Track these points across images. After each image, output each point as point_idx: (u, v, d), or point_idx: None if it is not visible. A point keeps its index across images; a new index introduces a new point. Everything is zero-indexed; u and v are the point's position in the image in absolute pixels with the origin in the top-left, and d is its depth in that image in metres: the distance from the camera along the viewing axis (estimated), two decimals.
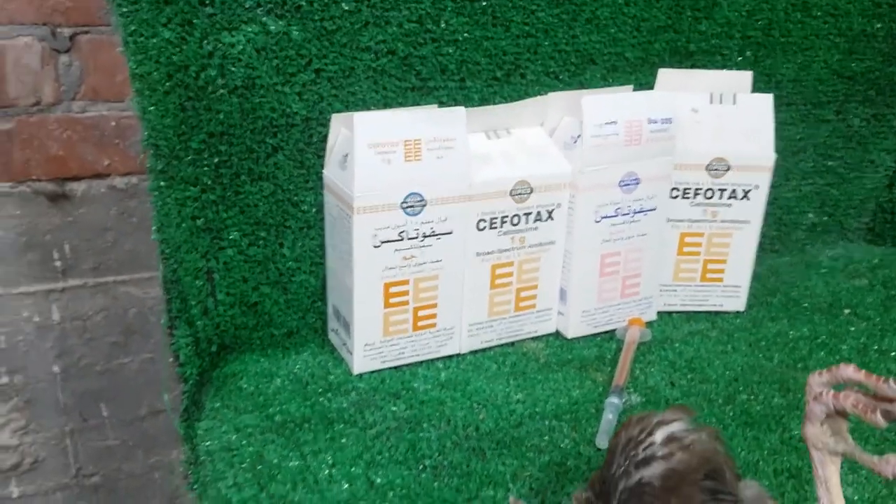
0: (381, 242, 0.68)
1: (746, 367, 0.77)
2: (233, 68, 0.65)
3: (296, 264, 0.74)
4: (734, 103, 0.81)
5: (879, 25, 0.95)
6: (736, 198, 0.82)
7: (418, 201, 0.68)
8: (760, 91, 0.86)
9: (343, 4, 0.67)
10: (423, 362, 0.75)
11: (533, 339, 0.80)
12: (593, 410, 0.69)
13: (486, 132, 0.75)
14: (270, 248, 0.72)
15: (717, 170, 0.81)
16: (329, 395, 0.69)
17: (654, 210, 0.79)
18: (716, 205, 0.82)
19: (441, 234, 0.70)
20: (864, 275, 0.99)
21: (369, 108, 0.71)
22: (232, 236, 0.70)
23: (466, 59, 0.74)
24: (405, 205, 0.68)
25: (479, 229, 0.72)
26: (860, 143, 1.01)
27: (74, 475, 1.07)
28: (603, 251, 0.78)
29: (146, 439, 1.09)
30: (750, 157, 0.81)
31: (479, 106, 0.76)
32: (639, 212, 0.78)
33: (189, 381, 0.68)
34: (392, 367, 0.73)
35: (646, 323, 0.82)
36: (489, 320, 0.77)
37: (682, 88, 0.81)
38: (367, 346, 0.71)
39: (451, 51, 0.73)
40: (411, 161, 0.67)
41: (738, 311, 0.88)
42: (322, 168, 0.72)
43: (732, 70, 0.88)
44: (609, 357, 0.78)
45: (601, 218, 0.77)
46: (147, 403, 1.08)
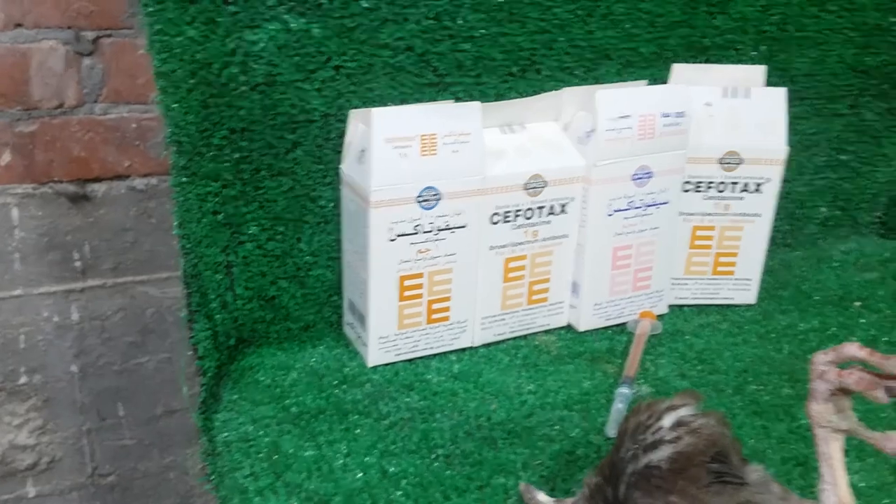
0: (397, 236, 0.70)
1: (756, 359, 0.78)
2: (254, 65, 0.67)
3: (313, 259, 0.76)
4: (747, 97, 0.82)
5: (894, 19, 0.96)
6: (748, 191, 0.83)
7: (433, 195, 0.70)
8: (774, 86, 0.87)
9: (363, 2, 0.68)
10: (436, 355, 0.77)
11: (545, 332, 0.82)
12: (603, 401, 0.71)
13: (500, 127, 0.76)
14: (288, 243, 0.74)
15: (729, 163, 0.82)
16: (344, 387, 0.71)
17: (666, 204, 0.80)
18: (728, 198, 0.84)
19: (455, 227, 0.72)
20: (876, 268, 1.00)
21: (387, 104, 0.73)
22: (251, 231, 0.72)
23: (483, 54, 0.75)
24: (421, 199, 0.69)
25: (492, 223, 0.74)
26: (874, 138, 1.02)
27: (90, 475, 1.10)
28: (615, 244, 0.80)
29: (162, 438, 1.12)
30: (762, 150, 0.82)
31: (494, 100, 0.78)
32: (651, 205, 0.79)
33: (207, 374, 0.70)
34: (406, 360, 0.75)
35: (657, 316, 0.84)
36: (502, 313, 0.78)
37: (695, 83, 0.82)
38: (381, 338, 0.73)
39: (468, 47, 0.74)
40: (427, 155, 0.68)
41: (749, 304, 0.89)
42: (339, 164, 0.73)
43: (746, 65, 0.89)
44: (620, 349, 0.79)
45: (614, 211, 0.78)
46: (163, 403, 1.10)
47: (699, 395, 0.52)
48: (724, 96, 0.82)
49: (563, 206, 0.77)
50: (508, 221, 0.75)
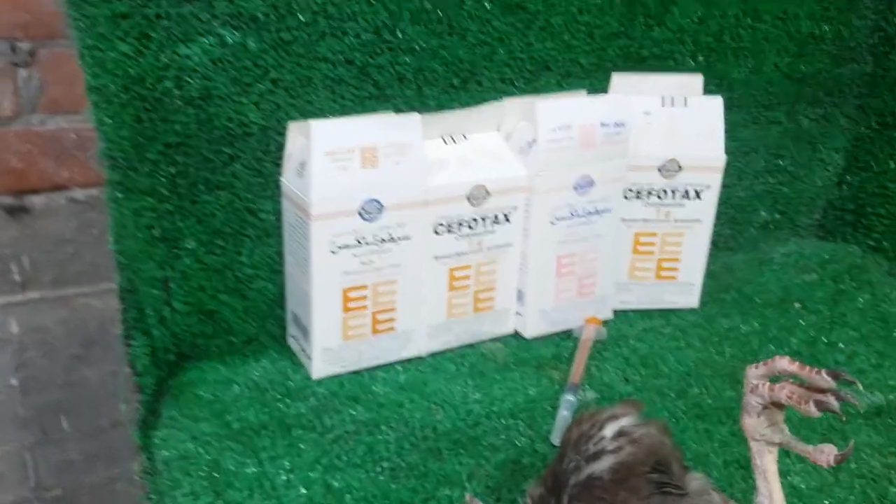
0: (339, 248, 0.69)
1: (699, 362, 0.79)
2: (189, 80, 0.66)
3: (254, 271, 0.75)
4: (685, 105, 0.83)
5: (827, 28, 0.98)
6: (688, 198, 0.84)
7: (376, 207, 0.69)
8: (712, 94, 0.88)
9: (300, 15, 0.68)
10: (382, 365, 0.76)
11: (492, 339, 0.82)
12: (549, 408, 0.71)
13: (442, 137, 0.76)
14: (228, 257, 0.73)
15: (669, 171, 0.83)
16: (287, 400, 0.71)
17: (608, 211, 0.81)
18: (668, 205, 0.85)
19: (399, 238, 0.72)
20: (815, 270, 1.02)
21: (326, 117, 0.73)
22: (189, 245, 0.71)
23: (423, 67, 0.76)
24: (363, 211, 0.69)
25: (436, 233, 0.74)
26: (810, 143, 1.04)
27: (34, 488, 1.07)
28: (559, 252, 0.80)
29: (107, 451, 1.10)
30: (701, 157, 0.83)
31: (435, 112, 0.78)
32: (593, 213, 0.80)
33: (146, 391, 0.69)
34: (351, 372, 0.75)
35: (602, 321, 0.85)
36: (448, 322, 0.78)
37: (635, 92, 0.83)
38: (325, 350, 0.73)
39: (408, 59, 0.74)
40: (368, 168, 0.68)
41: (693, 308, 0.90)
42: (280, 175, 0.73)
43: (685, 73, 0.90)
44: (566, 355, 0.80)
45: (556, 220, 0.78)
46: (108, 415, 1.08)
47: (641, 403, 0.52)
48: (663, 105, 0.83)
49: (506, 216, 0.77)
50: (452, 232, 0.75)
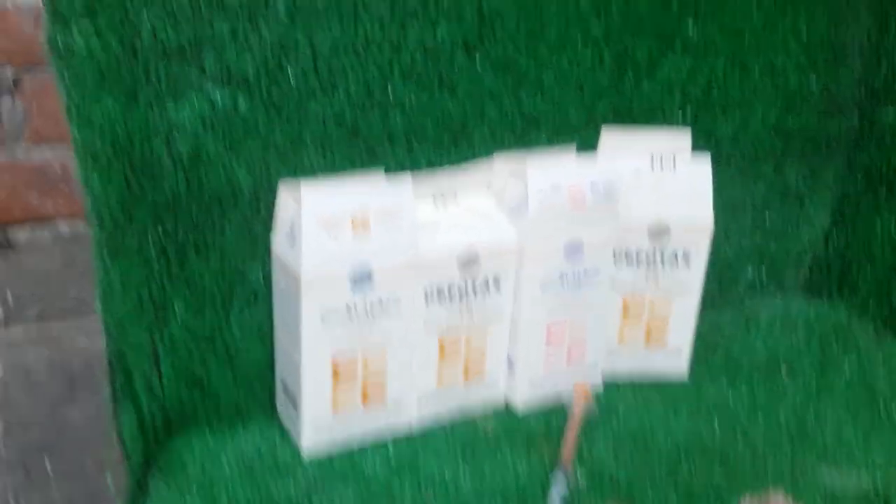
0: (329, 315, 0.72)
1: (689, 436, 0.83)
2: (178, 140, 0.69)
3: (243, 337, 0.78)
4: (674, 168, 0.89)
5: (815, 81, 1.04)
6: (676, 262, 0.90)
7: (366, 274, 0.73)
8: (700, 148, 0.94)
9: (290, 75, 0.72)
10: (372, 440, 0.79)
11: (482, 408, 0.85)
12: (540, 491, 0.74)
13: (433, 197, 0.80)
14: (217, 322, 0.76)
15: (657, 233, 0.88)
16: (277, 478, 0.73)
17: (597, 275, 0.85)
18: (657, 270, 0.90)
19: (389, 306, 0.75)
20: (801, 331, 1.08)
21: (317, 175, 0.76)
22: (177, 310, 0.73)
23: (413, 124, 0.80)
24: (353, 278, 0.72)
25: (427, 301, 0.78)
26: (797, 199, 1.11)
27: None
28: (549, 320, 0.84)
29: (93, 494, 1.09)
30: (689, 220, 0.88)
31: (426, 169, 0.82)
32: (583, 278, 0.85)
33: (133, 461, 0.71)
34: (342, 446, 0.77)
35: (591, 386, 0.89)
36: (438, 391, 0.82)
37: (624, 148, 0.88)
38: (315, 423, 0.75)
39: (399, 117, 0.78)
40: (359, 233, 0.71)
41: (681, 373, 0.95)
42: (270, 237, 0.76)
43: (673, 126, 0.96)
44: (556, 426, 0.83)
45: (546, 286, 0.83)
46: (93, 457, 1.08)
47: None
48: (652, 168, 0.88)
49: (497, 281, 0.81)
50: (442, 299, 0.78)
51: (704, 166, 0.89)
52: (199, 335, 0.75)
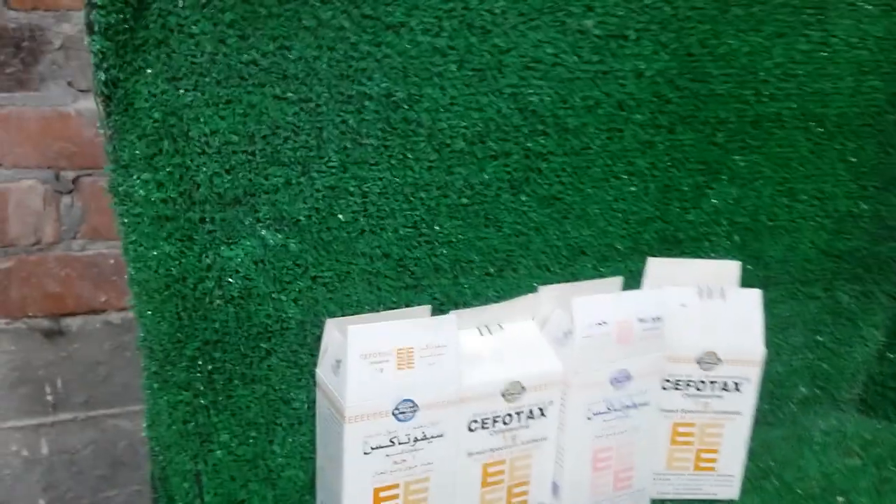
0: (372, 449, 0.70)
1: None
2: (230, 280, 0.68)
3: (285, 460, 0.76)
4: (723, 297, 0.85)
5: (866, 207, 1.00)
6: (727, 390, 0.85)
7: (410, 407, 0.70)
8: (748, 272, 0.90)
9: (340, 216, 0.71)
10: None
11: None
12: None
13: (478, 328, 0.78)
14: (260, 447, 0.74)
15: (707, 363, 0.84)
16: None
17: (645, 405, 0.81)
18: (707, 396, 0.85)
19: (432, 437, 0.72)
20: (857, 453, 1.01)
21: (364, 308, 0.75)
22: (222, 438, 0.72)
23: (459, 257, 0.78)
24: (397, 411, 0.70)
25: (470, 430, 0.75)
26: (849, 319, 1.05)
27: None
28: (595, 446, 0.80)
29: None
30: (740, 351, 0.84)
31: (472, 300, 0.80)
32: (630, 406, 0.81)
33: None
34: None
35: None
36: None
37: (670, 278, 0.85)
38: None
39: (445, 251, 0.77)
40: (403, 369, 0.69)
41: (732, 500, 0.89)
42: (315, 366, 0.74)
43: (720, 255, 0.92)
44: None
45: (593, 415, 0.79)
46: None
47: None
48: (700, 297, 0.84)
49: (541, 410, 0.77)
50: (486, 428, 0.75)
51: (754, 297, 0.85)
52: (242, 460, 0.74)
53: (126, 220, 0.66)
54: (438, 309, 0.78)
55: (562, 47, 0.76)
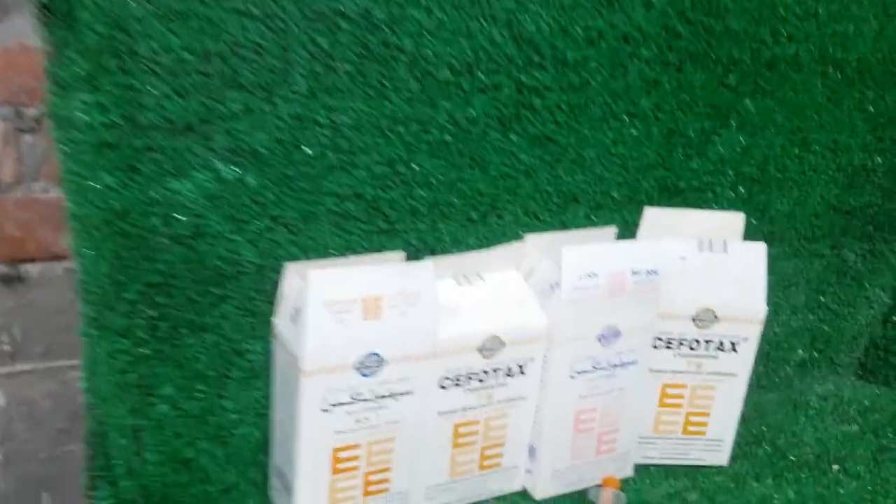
0: (332, 406, 0.62)
1: None
2: (179, 217, 0.60)
3: (238, 417, 0.68)
4: (725, 251, 0.76)
5: (881, 160, 0.92)
6: (723, 350, 0.77)
7: (375, 362, 0.63)
8: (752, 226, 0.82)
9: (306, 149, 0.62)
10: None
11: (497, 498, 0.75)
12: None
13: (456, 278, 0.70)
14: (210, 402, 0.66)
15: (704, 321, 0.76)
16: None
17: (634, 363, 0.74)
18: (701, 356, 0.78)
19: (400, 394, 0.65)
20: (855, 419, 0.94)
21: (330, 254, 0.66)
22: (166, 391, 0.64)
23: (439, 201, 0.69)
24: (361, 366, 0.62)
25: (442, 387, 0.67)
26: (855, 279, 0.97)
27: None
28: (578, 407, 0.73)
29: None
30: (740, 308, 0.76)
31: (451, 247, 0.72)
32: (618, 365, 0.73)
33: None
34: None
35: (621, 481, 0.77)
36: (450, 482, 0.71)
37: (669, 229, 0.77)
38: None
39: (424, 193, 0.68)
40: (370, 319, 0.61)
41: (721, 466, 0.83)
42: (273, 315, 0.66)
43: (724, 207, 0.84)
44: None
45: (577, 373, 0.71)
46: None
47: None
48: (700, 250, 0.76)
49: (521, 368, 0.70)
50: (460, 385, 0.68)
51: (758, 251, 0.77)
52: (189, 415, 0.66)
53: (65, 148, 0.57)
54: (414, 256, 0.70)
55: None
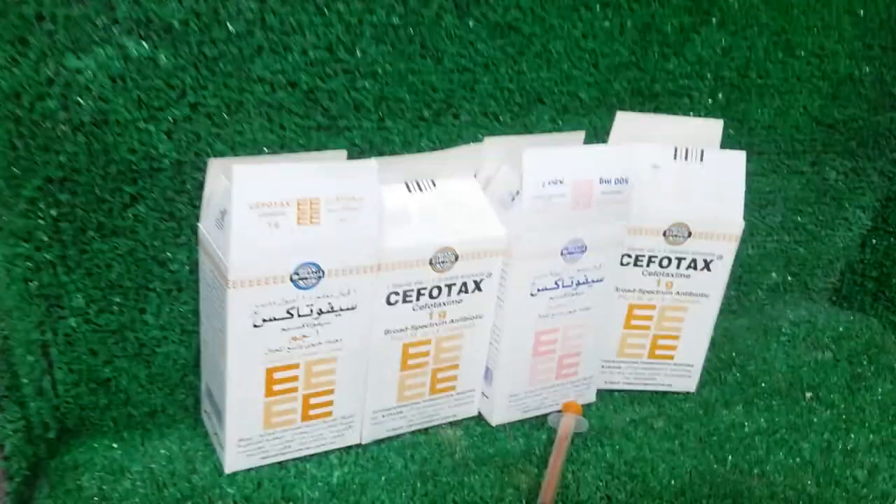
0: (264, 321, 0.55)
1: (695, 474, 0.65)
2: (80, 100, 0.51)
3: (161, 333, 0.61)
4: (701, 160, 0.69)
5: (868, 69, 0.84)
6: (695, 268, 0.71)
7: (313, 272, 0.55)
8: (730, 137, 0.75)
9: (229, 25, 0.53)
10: (314, 455, 0.62)
11: (451, 423, 0.68)
12: None
13: (406, 183, 0.62)
14: (128, 315, 0.59)
15: (676, 236, 0.69)
16: (191, 501, 0.56)
17: (600, 281, 0.67)
18: (671, 275, 0.71)
19: (341, 309, 0.58)
20: (829, 346, 0.89)
21: (261, 151, 0.58)
22: (75, 303, 0.56)
23: (387, 94, 0.61)
24: (296, 277, 0.55)
25: (389, 303, 0.60)
26: (834, 199, 0.91)
27: None
28: (538, 328, 0.66)
29: None
30: (715, 223, 0.69)
31: (400, 148, 0.64)
32: (583, 283, 0.66)
33: (16, 479, 0.55)
34: (275, 464, 0.61)
35: (583, 407, 0.71)
36: (398, 406, 0.65)
37: (642, 136, 0.69)
38: (242, 441, 0.59)
39: (368, 85, 0.60)
40: (306, 224, 0.54)
41: (689, 392, 0.77)
42: (197, 219, 0.58)
43: (701, 115, 0.77)
44: (537, 452, 0.66)
45: (538, 291, 0.65)
46: None
47: None
48: (675, 158, 0.69)
49: (477, 283, 0.63)
50: (409, 301, 0.61)
51: (737, 161, 0.70)
52: (105, 330, 0.58)
53: None
54: (358, 157, 0.62)
55: None
